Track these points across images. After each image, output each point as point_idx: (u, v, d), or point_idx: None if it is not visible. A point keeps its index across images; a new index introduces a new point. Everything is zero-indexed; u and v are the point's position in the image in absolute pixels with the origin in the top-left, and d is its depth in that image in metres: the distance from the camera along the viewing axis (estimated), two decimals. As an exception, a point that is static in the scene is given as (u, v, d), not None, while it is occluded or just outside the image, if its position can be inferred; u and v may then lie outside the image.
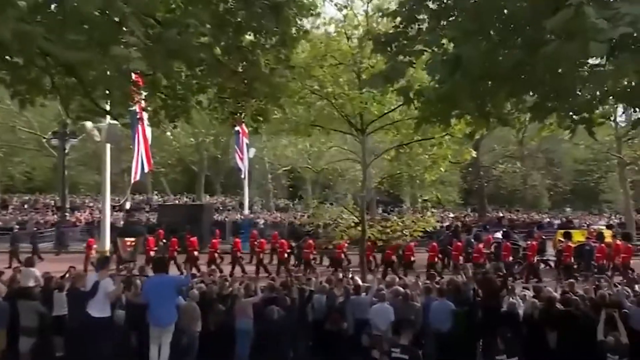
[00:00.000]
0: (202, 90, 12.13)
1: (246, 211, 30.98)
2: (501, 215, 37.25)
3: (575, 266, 19.24)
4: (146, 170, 16.63)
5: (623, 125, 31.17)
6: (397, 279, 11.73)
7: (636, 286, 11.12)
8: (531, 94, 7.68)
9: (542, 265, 20.04)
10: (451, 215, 35.69)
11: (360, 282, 11.75)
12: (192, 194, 48.86)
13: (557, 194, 49.36)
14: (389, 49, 6.80)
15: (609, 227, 23.78)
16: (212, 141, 43.20)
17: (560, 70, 6.16)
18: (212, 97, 12.19)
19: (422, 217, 15.72)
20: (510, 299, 10.28)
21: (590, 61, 6.87)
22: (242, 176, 28.48)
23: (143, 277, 10.68)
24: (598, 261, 18.68)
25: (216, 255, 19.89)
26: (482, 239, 20.76)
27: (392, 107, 13.79)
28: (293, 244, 19.80)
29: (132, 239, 12.73)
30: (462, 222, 28.81)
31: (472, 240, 20.87)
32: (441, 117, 9.09)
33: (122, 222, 27.90)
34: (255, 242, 20.58)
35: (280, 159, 38.91)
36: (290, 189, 44.67)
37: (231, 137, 30.94)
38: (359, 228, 14.12)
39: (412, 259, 18.09)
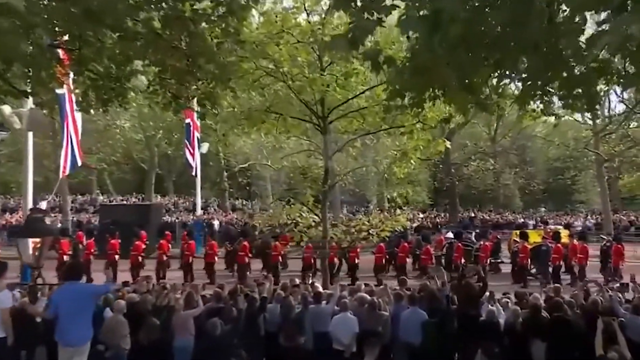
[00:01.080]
0: (138, 70, 11.20)
1: (199, 212, 29.72)
2: (473, 215, 36.96)
3: (531, 268, 19.21)
4: (79, 163, 15.25)
5: (599, 120, 31.32)
6: (363, 286, 10.84)
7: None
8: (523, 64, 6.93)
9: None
10: (421, 215, 35.17)
11: (321, 288, 10.85)
12: (143, 194, 47.17)
13: (530, 194, 49.61)
14: (352, 4, 5.85)
15: (566, 226, 23.64)
16: (164, 137, 41.75)
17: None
18: (151, 78, 11.22)
19: (391, 216, 14.88)
20: (490, 306, 9.55)
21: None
22: (193, 173, 27.16)
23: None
24: (554, 262, 18.47)
25: (165, 258, 19.18)
26: (431, 239, 20.23)
27: (357, 93, 12.94)
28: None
29: (37, 240, 11.47)
30: (432, 222, 28.24)
31: (422, 241, 20.56)
32: (414, 94, 8.35)
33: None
34: (185, 245, 19.81)
35: (238, 155, 37.79)
36: (248, 188, 43.51)
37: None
38: (320, 228, 13.20)
39: (357, 261, 17.76)
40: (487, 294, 10.05)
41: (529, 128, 47.69)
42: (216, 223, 31.57)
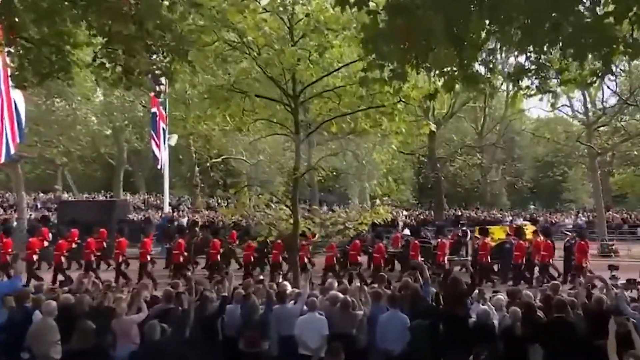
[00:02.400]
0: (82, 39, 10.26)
1: (166, 209, 28.55)
2: (459, 214, 36.25)
3: (494, 267, 18.54)
4: (12, 151, 13.98)
5: (591, 113, 30.75)
6: (336, 284, 9.85)
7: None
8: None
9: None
10: (404, 213, 34.36)
11: (289, 287, 9.85)
12: (112, 192, 45.79)
13: (517, 191, 49.18)
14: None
15: (533, 221, 23.03)
16: (133, 131, 40.36)
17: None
18: (97, 49, 10.24)
19: (371, 209, 13.91)
20: (481, 306, 8.62)
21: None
22: (159, 167, 26.03)
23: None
24: (517, 260, 17.82)
25: (121, 258, 18.11)
26: (383, 236, 19.42)
27: (333, 70, 11.97)
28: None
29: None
30: (416, 220, 27.41)
31: (376, 239, 19.60)
32: (395, 63, 7.53)
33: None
34: (115, 244, 18.73)
35: (212, 149, 36.53)
36: (223, 185, 42.31)
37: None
38: (292, 221, 12.19)
39: (305, 260, 16.98)
40: (477, 291, 9.15)
41: (516, 122, 47.29)
42: (184, 221, 30.37)
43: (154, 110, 25.35)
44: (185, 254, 18.12)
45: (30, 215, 28.56)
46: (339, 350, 6.62)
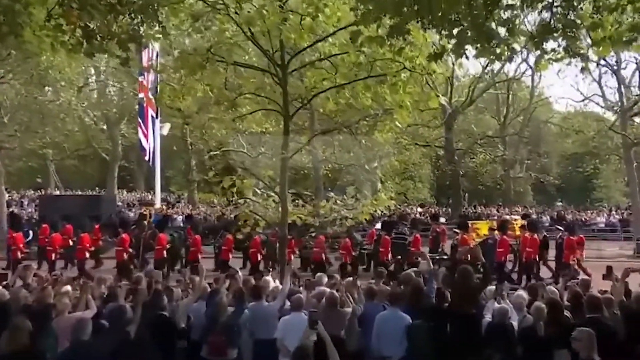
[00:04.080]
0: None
1: (157, 204, 27.67)
2: (479, 211, 35.13)
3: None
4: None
5: (627, 98, 29.43)
6: (325, 278, 8.85)
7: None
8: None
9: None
10: (419, 209, 33.31)
11: (272, 283, 8.87)
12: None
13: (543, 188, 47.84)
14: None
15: (524, 216, 22.06)
16: (131, 125, 39.50)
17: None
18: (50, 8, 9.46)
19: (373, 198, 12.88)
20: (497, 304, 7.59)
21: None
22: (147, 158, 25.11)
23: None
24: (500, 258, 16.69)
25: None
26: (352, 233, 18.56)
27: (326, 35, 10.98)
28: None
29: None
30: (430, 215, 26.33)
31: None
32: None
33: None
34: (46, 240, 18.10)
35: (211, 141, 35.60)
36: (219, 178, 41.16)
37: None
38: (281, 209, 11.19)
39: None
40: (493, 287, 8.10)
41: (542, 113, 45.99)
42: (179, 218, 29.57)
43: (141, 95, 24.45)
44: (130, 250, 17.39)
45: (12, 211, 27.79)
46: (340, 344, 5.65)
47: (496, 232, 17.44)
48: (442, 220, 24.39)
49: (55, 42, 10.14)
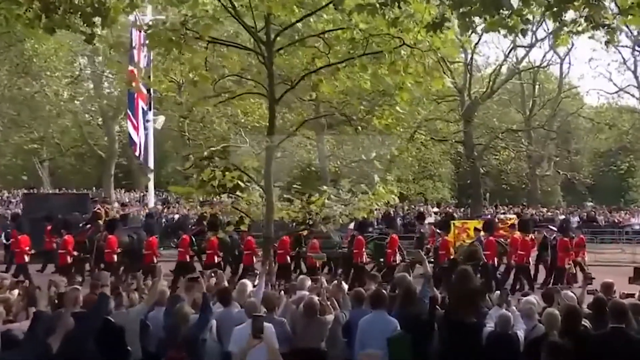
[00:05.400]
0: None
1: (151, 203, 27.27)
2: (500, 212, 34.34)
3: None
4: None
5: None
6: (309, 282, 8.26)
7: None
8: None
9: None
10: (435, 209, 32.63)
11: (249, 285, 8.25)
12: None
13: (573, 188, 46.86)
14: None
15: (518, 215, 21.36)
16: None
17: None
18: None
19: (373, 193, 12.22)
20: (502, 311, 6.95)
21: None
22: (136, 153, 24.61)
23: None
24: (487, 261, 15.56)
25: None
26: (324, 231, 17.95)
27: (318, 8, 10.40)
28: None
29: None
30: (445, 214, 25.71)
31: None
32: None
33: None
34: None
35: (212, 136, 35.18)
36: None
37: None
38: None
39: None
40: (498, 293, 7.46)
41: (571, 107, 45.05)
42: (177, 217, 29.10)
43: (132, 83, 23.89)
44: (75, 253, 16.91)
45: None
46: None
47: (482, 233, 16.68)
48: (431, 220, 23.91)
49: (9, 15, 9.76)
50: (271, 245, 10.77)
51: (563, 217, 33.23)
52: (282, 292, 7.98)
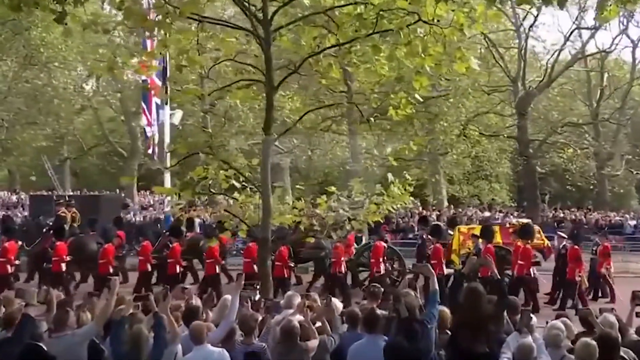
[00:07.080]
0: None
1: (166, 207, 26.98)
2: (561, 215, 33.14)
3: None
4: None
5: None
6: (298, 298, 7.59)
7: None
8: None
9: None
10: (487, 214, 31.74)
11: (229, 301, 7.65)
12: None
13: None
14: None
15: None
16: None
17: None
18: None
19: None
20: (522, 339, 6.20)
21: None
22: (150, 151, 24.36)
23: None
24: (485, 272, 14.46)
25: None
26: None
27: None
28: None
29: None
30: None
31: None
32: None
33: None
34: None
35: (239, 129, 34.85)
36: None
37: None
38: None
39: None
40: (520, 316, 6.68)
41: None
42: (198, 221, 28.76)
43: (144, 77, 23.62)
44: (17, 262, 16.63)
45: (4, 215, 27.75)
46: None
47: (480, 240, 15.73)
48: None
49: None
50: (268, 251, 10.13)
51: (634, 222, 31.91)
52: (265, 310, 7.35)
